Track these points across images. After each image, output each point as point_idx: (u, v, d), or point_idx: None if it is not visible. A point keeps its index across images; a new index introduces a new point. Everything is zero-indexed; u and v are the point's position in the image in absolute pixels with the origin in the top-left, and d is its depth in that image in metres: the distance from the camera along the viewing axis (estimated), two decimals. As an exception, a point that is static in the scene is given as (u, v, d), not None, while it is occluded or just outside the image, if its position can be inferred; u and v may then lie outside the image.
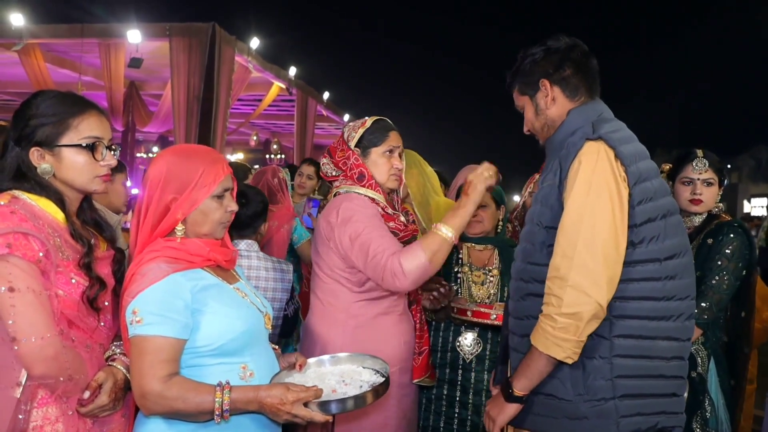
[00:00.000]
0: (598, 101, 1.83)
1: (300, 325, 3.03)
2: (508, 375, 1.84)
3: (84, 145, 1.63)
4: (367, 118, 2.34)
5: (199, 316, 1.58)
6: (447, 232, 2.04)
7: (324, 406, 1.57)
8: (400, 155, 2.30)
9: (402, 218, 2.28)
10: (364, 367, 1.85)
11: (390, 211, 2.24)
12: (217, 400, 1.51)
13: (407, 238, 2.29)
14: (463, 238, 2.73)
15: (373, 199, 2.21)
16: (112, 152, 1.70)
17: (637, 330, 1.66)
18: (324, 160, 2.35)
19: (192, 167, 1.64)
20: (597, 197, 1.61)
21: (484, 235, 2.72)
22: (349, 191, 2.24)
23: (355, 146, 2.27)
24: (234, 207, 1.73)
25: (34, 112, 1.61)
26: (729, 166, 36.13)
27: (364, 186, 2.23)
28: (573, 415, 1.67)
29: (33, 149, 1.61)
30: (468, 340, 2.57)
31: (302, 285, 3.78)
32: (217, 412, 1.50)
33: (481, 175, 2.12)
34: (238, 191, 2.69)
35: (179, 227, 1.64)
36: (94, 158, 1.64)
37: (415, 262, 1.99)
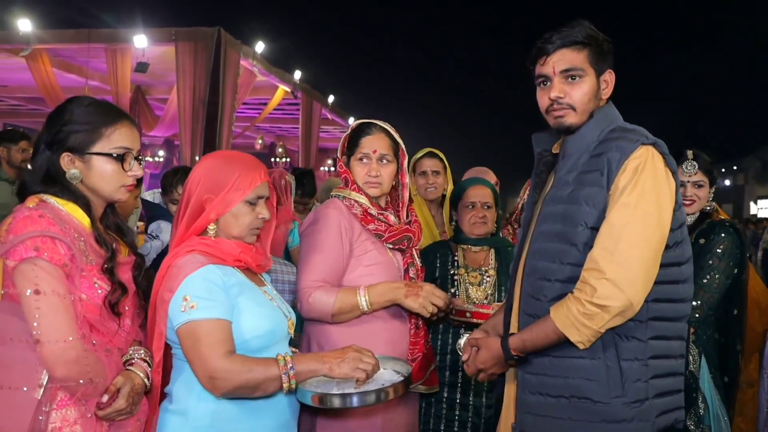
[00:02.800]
0: (611, 104, 1.84)
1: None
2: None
3: (114, 155, 1.67)
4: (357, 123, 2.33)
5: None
6: (365, 304, 2.11)
7: (346, 398, 1.65)
8: (380, 160, 2.22)
9: (392, 218, 2.26)
10: (383, 369, 1.87)
11: (373, 211, 2.22)
12: (279, 361, 1.61)
13: (396, 238, 2.24)
14: (462, 240, 2.73)
15: (355, 202, 2.22)
16: (140, 163, 1.74)
17: (664, 331, 1.70)
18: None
19: (229, 170, 1.72)
20: (648, 200, 1.62)
21: (485, 236, 2.73)
22: (337, 196, 2.27)
23: (343, 154, 2.30)
24: (266, 214, 1.78)
25: (68, 117, 1.65)
26: (735, 167, 35.92)
27: (348, 189, 2.25)
28: (612, 417, 1.65)
29: (64, 154, 1.64)
30: (462, 341, 2.56)
31: None
32: (284, 371, 1.60)
33: (429, 301, 2.15)
34: None
35: (211, 227, 1.72)
36: (123, 168, 1.68)
37: (320, 308, 2.09)
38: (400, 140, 2.29)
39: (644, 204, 1.62)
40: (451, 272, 2.66)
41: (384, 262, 2.23)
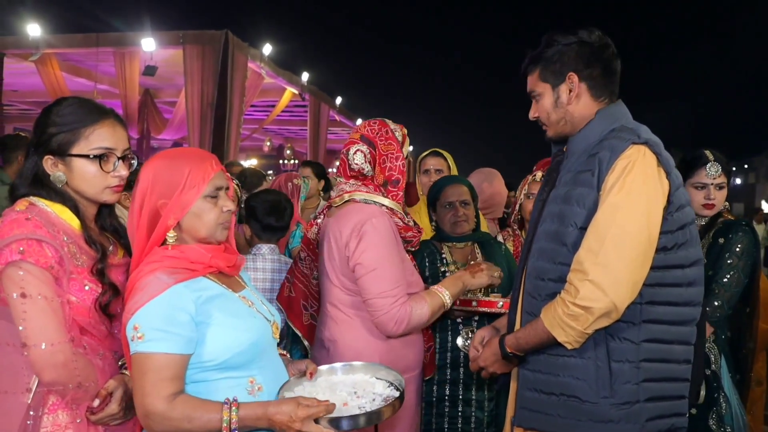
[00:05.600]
0: (620, 103, 1.81)
1: None
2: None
3: (92, 156, 1.62)
4: (395, 124, 2.24)
5: (204, 328, 1.51)
6: (448, 299, 2.13)
7: (335, 422, 1.49)
8: None
9: (412, 224, 2.25)
10: (377, 378, 1.77)
11: (407, 220, 2.20)
12: (224, 418, 1.44)
13: (418, 241, 2.27)
14: (445, 238, 2.71)
15: (392, 210, 2.14)
16: (130, 162, 1.70)
17: (661, 334, 1.67)
18: (360, 147, 2.16)
19: (178, 168, 1.55)
20: (635, 200, 1.59)
21: (467, 233, 2.71)
22: (368, 201, 2.12)
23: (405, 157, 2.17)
24: (230, 206, 1.62)
25: (52, 119, 1.62)
26: (746, 166, 35.69)
27: (386, 195, 2.14)
28: (599, 417, 1.65)
29: (47, 157, 1.62)
30: (459, 341, 2.55)
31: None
32: (225, 431, 1.44)
33: (492, 273, 2.27)
34: (275, 202, 2.82)
35: (171, 234, 1.55)
36: (103, 169, 1.64)
37: (418, 322, 2.07)
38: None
39: (631, 204, 1.59)
40: (442, 270, 2.63)
41: (412, 267, 2.25)
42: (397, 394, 1.66)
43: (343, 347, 2.13)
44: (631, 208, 1.59)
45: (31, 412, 1.50)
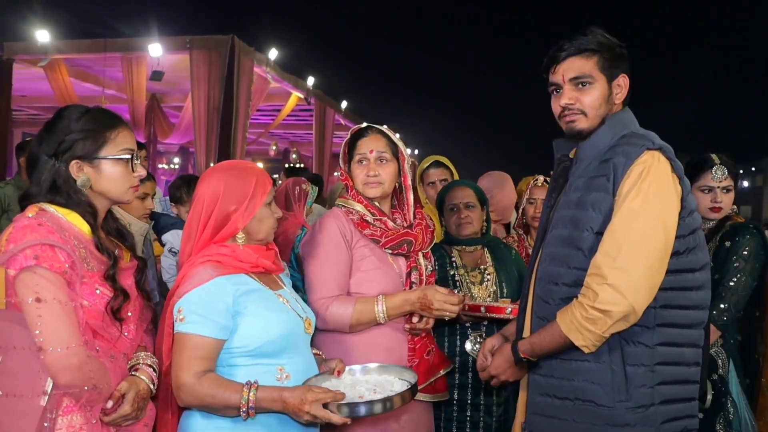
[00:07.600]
0: (628, 109, 1.84)
1: None
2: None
3: (122, 157, 1.70)
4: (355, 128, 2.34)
5: (238, 318, 1.70)
6: (382, 314, 2.10)
7: (354, 408, 1.65)
8: (379, 160, 2.20)
9: (391, 223, 2.22)
10: (400, 379, 1.87)
11: (369, 218, 2.20)
12: (243, 397, 1.62)
13: (394, 242, 2.21)
14: (454, 241, 2.71)
15: (351, 211, 2.22)
16: (140, 164, 1.77)
17: (673, 338, 1.69)
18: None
19: (247, 179, 1.78)
20: (651, 205, 1.62)
21: (473, 236, 2.71)
22: (337, 205, 2.29)
23: (345, 161, 2.30)
24: (280, 213, 1.86)
25: (72, 126, 1.66)
26: (753, 168, 35.54)
27: (349, 197, 2.26)
28: (615, 422, 1.66)
29: (73, 162, 1.65)
30: (468, 346, 2.55)
31: None
32: (243, 409, 1.62)
33: (442, 314, 2.10)
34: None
35: (240, 235, 1.77)
36: (130, 169, 1.71)
37: (338, 320, 2.08)
38: (397, 141, 2.27)
39: (648, 209, 1.61)
40: (451, 273, 2.63)
41: (382, 268, 2.20)
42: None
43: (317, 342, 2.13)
44: (648, 213, 1.61)
45: (48, 415, 1.53)
